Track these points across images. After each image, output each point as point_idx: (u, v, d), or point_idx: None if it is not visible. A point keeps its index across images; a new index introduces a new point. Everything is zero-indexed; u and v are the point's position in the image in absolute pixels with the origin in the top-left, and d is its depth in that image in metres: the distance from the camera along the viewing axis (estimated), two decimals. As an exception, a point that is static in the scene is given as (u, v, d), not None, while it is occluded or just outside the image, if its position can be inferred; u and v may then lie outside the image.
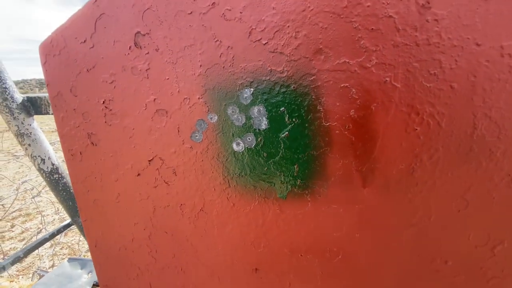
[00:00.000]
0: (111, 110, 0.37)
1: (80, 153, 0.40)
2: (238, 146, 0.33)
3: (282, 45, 0.29)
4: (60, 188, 0.79)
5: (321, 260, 0.34)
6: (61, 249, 3.54)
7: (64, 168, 0.82)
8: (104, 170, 0.40)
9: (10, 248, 3.71)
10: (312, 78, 0.29)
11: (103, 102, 0.37)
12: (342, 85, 0.28)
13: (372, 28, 0.26)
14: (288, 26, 0.28)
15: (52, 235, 0.87)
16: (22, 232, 4.12)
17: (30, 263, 3.46)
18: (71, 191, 0.82)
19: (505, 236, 0.29)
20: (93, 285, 1.05)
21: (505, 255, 0.30)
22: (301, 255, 0.35)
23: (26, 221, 4.34)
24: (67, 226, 0.91)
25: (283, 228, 0.34)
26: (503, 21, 0.24)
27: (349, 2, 0.26)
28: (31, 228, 4.19)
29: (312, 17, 0.27)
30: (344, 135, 0.29)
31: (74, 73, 0.37)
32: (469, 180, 0.28)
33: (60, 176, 0.79)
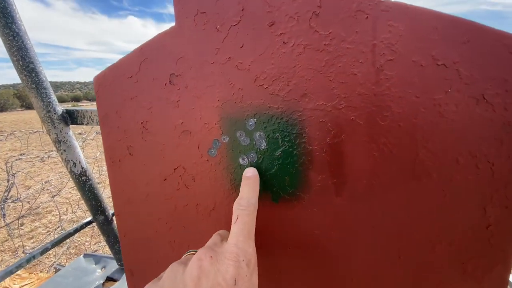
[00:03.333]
0: (147, 129, 0.48)
1: (119, 161, 0.51)
2: (243, 161, 0.44)
3: (278, 90, 0.39)
4: (86, 189, 0.91)
5: (304, 252, 0.44)
6: (68, 248, 3.64)
7: (90, 172, 0.93)
8: (138, 175, 0.50)
9: (19, 246, 3.82)
10: (299, 114, 0.39)
11: (141, 123, 0.48)
12: (321, 120, 0.38)
13: (342, 82, 0.37)
14: (283, 77, 0.39)
15: (76, 230, 0.98)
16: (31, 230, 4.25)
17: (37, 261, 3.56)
18: (95, 191, 0.93)
19: (442, 238, 0.38)
20: (106, 279, 1.14)
21: (444, 253, 0.39)
22: (289, 248, 0.45)
23: (35, 220, 4.46)
24: (89, 223, 1.01)
25: (276, 226, 0.44)
26: (435, 82, 0.35)
27: (326, 63, 0.37)
28: (39, 226, 4.32)
29: (300, 71, 0.38)
30: (322, 156, 0.39)
31: (120, 99, 0.49)
32: (415, 193, 0.38)
33: (87, 178, 0.90)
